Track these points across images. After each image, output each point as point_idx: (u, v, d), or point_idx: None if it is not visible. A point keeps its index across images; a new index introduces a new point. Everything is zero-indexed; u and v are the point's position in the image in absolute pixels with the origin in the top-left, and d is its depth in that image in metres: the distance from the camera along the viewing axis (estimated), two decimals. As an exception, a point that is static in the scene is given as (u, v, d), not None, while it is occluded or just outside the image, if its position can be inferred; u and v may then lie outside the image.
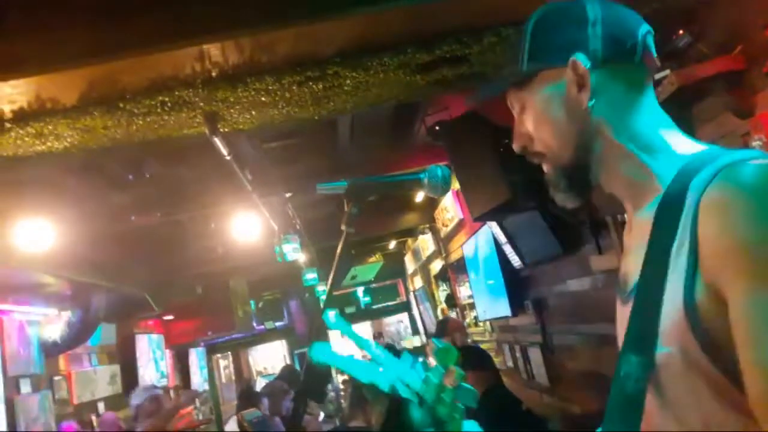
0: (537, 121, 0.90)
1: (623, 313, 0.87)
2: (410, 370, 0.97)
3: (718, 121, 2.25)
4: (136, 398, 4.00)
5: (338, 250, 1.10)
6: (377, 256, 9.41)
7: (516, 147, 0.95)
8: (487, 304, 5.34)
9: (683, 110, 2.40)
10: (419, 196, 6.44)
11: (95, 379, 5.69)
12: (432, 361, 0.97)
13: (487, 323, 5.89)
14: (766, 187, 0.68)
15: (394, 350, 1.21)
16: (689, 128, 2.40)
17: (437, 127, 3.66)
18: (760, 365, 0.65)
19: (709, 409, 0.73)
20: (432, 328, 9.08)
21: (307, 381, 1.11)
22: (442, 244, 7.00)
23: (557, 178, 0.91)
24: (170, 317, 7.49)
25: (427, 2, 1.84)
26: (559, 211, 3.09)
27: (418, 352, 4.88)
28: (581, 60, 0.84)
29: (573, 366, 3.91)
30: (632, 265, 0.85)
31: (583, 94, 0.85)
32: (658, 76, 2.27)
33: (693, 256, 0.73)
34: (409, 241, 9.32)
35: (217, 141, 2.42)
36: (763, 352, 0.65)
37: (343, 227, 1.07)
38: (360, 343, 1.03)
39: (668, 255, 0.76)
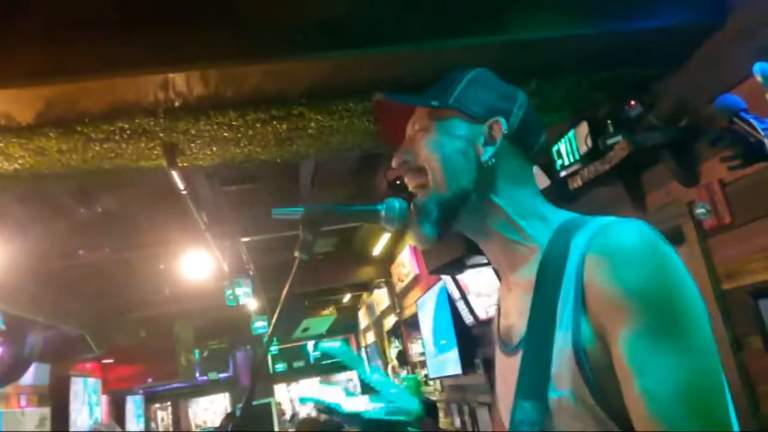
0: (434, 146, 0.98)
1: (506, 364, 0.95)
2: (405, 394, 1.12)
3: (666, 188, 2.34)
4: None
5: (290, 278, 1.07)
6: (331, 309, 9.30)
7: (397, 158, 1.03)
8: (438, 362, 5.29)
9: (633, 176, 2.50)
10: (377, 250, 6.44)
11: (22, 421, 5.35)
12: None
13: (437, 382, 5.82)
14: (641, 244, 0.79)
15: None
16: (638, 193, 2.50)
17: (398, 182, 3.70)
18: (641, 393, 0.73)
19: None
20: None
21: (244, 419, 1.08)
22: (397, 299, 6.97)
23: (431, 206, 0.98)
24: (110, 360, 7.18)
25: (393, 52, 1.88)
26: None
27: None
28: (503, 124, 0.96)
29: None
30: (516, 320, 0.94)
31: (487, 149, 0.96)
32: (610, 141, 2.37)
33: (580, 305, 0.81)
34: (364, 295, 9.25)
35: (174, 174, 2.38)
36: (643, 382, 0.74)
37: (296, 253, 1.05)
38: (357, 366, 1.16)
39: (555, 305, 0.83)
